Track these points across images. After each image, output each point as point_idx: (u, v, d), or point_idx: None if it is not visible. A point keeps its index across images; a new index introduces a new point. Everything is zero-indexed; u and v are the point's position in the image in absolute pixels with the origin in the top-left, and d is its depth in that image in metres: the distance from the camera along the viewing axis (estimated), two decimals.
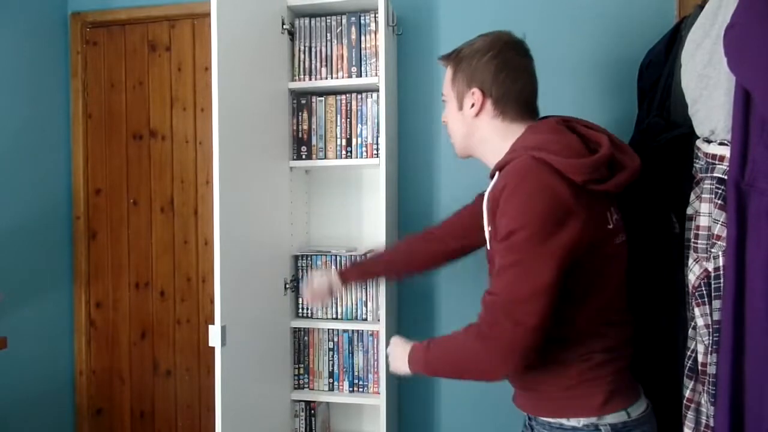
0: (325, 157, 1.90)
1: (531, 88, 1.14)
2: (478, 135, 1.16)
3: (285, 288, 1.86)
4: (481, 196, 1.36)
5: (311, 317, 1.93)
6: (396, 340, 1.24)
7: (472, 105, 1.13)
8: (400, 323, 2.06)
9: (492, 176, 1.12)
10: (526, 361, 0.99)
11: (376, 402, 1.85)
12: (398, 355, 1.20)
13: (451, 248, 1.43)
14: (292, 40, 1.92)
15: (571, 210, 0.98)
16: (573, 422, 1.06)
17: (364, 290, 1.88)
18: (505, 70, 1.11)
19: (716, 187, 1.04)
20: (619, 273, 1.11)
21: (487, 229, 1.10)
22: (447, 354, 1.10)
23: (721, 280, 1.01)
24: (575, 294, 1.03)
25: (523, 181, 0.99)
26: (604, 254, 1.05)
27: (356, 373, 1.91)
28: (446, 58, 1.20)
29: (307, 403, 1.93)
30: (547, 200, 0.98)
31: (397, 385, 2.01)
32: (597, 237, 1.02)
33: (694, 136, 1.13)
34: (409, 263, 1.48)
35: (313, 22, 1.90)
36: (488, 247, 1.11)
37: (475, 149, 1.19)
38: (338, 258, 1.89)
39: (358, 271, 1.52)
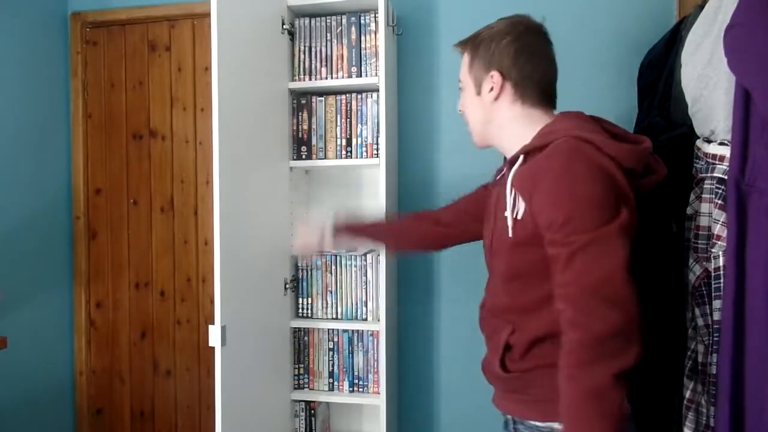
0: (325, 157, 1.90)
1: (551, 73, 1.12)
2: (498, 121, 1.11)
3: (285, 288, 1.86)
4: (485, 187, 1.34)
5: (311, 317, 1.93)
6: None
7: (491, 89, 1.10)
8: (400, 323, 2.06)
9: (513, 162, 1.06)
10: (640, 337, 0.89)
11: (376, 402, 1.85)
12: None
13: (446, 233, 1.39)
14: (292, 40, 1.92)
15: (626, 192, 0.95)
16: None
17: (364, 290, 1.88)
18: (525, 54, 1.08)
19: (716, 187, 1.04)
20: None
21: (510, 216, 1.04)
22: (575, 397, 0.91)
23: (721, 280, 1.01)
24: None
25: (573, 163, 0.95)
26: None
27: (356, 373, 1.91)
28: (463, 44, 1.17)
29: (307, 403, 1.93)
30: (603, 181, 0.93)
31: (397, 385, 2.01)
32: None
33: (694, 136, 1.14)
34: (401, 237, 1.46)
35: (313, 22, 1.90)
36: (510, 234, 1.04)
37: (494, 136, 1.15)
38: (338, 258, 1.89)
39: (354, 229, 1.47)
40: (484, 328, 1.17)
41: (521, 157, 1.05)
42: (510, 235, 1.04)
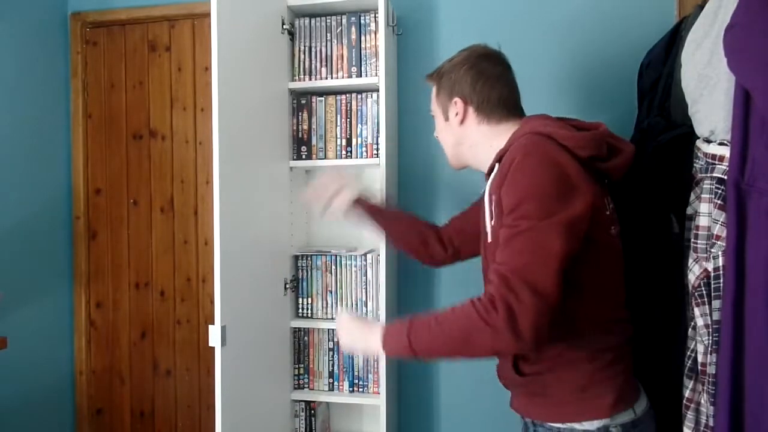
0: (325, 157, 1.90)
1: (509, 93, 1.21)
2: (468, 141, 1.22)
3: (285, 288, 1.86)
4: (475, 205, 1.39)
5: (311, 317, 1.93)
6: (345, 317, 1.16)
7: (456, 113, 1.21)
8: None
9: (490, 172, 1.15)
10: (541, 336, 0.93)
11: (376, 402, 1.85)
12: (356, 335, 1.12)
13: (448, 253, 1.47)
14: (292, 40, 1.92)
15: (577, 184, 1.00)
16: (586, 425, 1.04)
17: (364, 290, 1.88)
18: (482, 78, 1.18)
19: (716, 187, 1.04)
20: (616, 266, 1.12)
21: (489, 223, 1.10)
22: (444, 331, 0.99)
23: (721, 280, 1.01)
24: (576, 286, 1.01)
25: (529, 155, 1.02)
26: (601, 242, 1.06)
27: (356, 373, 1.91)
28: (430, 77, 1.30)
29: (307, 403, 1.93)
30: (554, 172, 1.00)
31: (397, 385, 2.01)
32: (598, 220, 1.04)
33: (694, 136, 1.14)
34: (408, 238, 1.50)
35: (313, 22, 1.90)
36: (489, 240, 1.11)
37: (467, 156, 1.25)
38: (338, 258, 1.89)
39: (371, 208, 1.48)
40: None
41: (496, 165, 1.12)
42: (489, 240, 1.11)
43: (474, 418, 2.01)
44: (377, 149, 1.85)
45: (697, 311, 1.06)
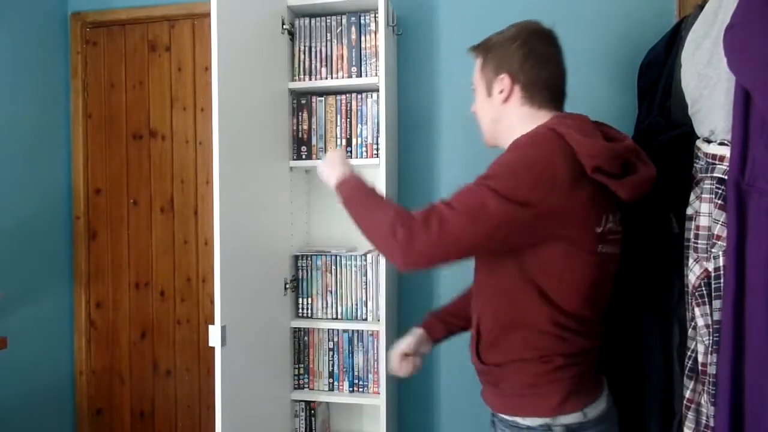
0: None
1: (558, 76, 1.16)
2: (506, 121, 1.16)
3: (285, 288, 1.86)
4: None
5: (311, 317, 1.93)
6: (336, 152, 1.28)
7: (501, 90, 1.15)
8: (400, 323, 2.06)
9: None
10: (421, 265, 1.02)
11: (376, 402, 1.85)
12: (328, 167, 1.24)
13: None
14: (292, 40, 1.91)
15: (558, 188, 0.98)
16: (528, 421, 1.07)
17: (364, 290, 1.88)
18: (533, 58, 1.13)
19: (716, 187, 1.04)
20: (589, 281, 1.06)
21: None
22: (367, 208, 1.11)
23: (721, 280, 1.00)
24: (533, 286, 1.04)
25: (531, 147, 1.03)
26: (579, 255, 1.03)
27: (356, 373, 1.91)
28: (475, 49, 1.22)
29: (307, 403, 1.93)
30: (542, 167, 0.99)
31: (397, 385, 2.01)
32: (576, 234, 1.02)
33: (694, 136, 1.13)
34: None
35: (313, 22, 1.90)
36: None
37: (501, 136, 1.19)
38: (338, 258, 1.89)
39: (444, 326, 1.42)
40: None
41: None
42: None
43: (474, 418, 2.01)
44: (377, 149, 1.85)
45: (697, 311, 1.06)
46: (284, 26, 1.84)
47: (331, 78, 1.89)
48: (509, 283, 1.07)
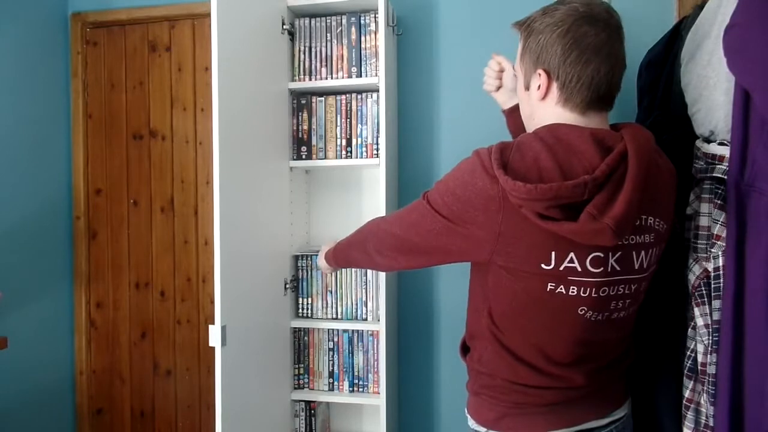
0: (325, 158, 1.90)
1: (606, 71, 0.95)
2: (538, 119, 1.02)
3: (285, 288, 1.86)
4: None
5: (311, 317, 1.93)
6: (324, 246, 1.49)
7: (539, 86, 0.99)
8: (400, 323, 2.06)
9: None
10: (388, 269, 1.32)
11: (376, 402, 1.85)
12: (321, 258, 1.46)
13: None
14: (292, 40, 1.92)
15: (487, 217, 0.91)
16: (472, 423, 1.11)
17: (364, 290, 1.88)
18: (576, 51, 0.94)
19: (716, 187, 1.04)
20: (553, 323, 0.97)
21: None
22: (351, 248, 1.30)
23: (721, 280, 1.01)
24: (489, 300, 1.02)
25: (467, 162, 0.97)
26: (524, 288, 0.95)
27: (356, 373, 1.91)
28: (518, 26, 1.06)
29: (307, 403, 1.93)
30: (467, 192, 0.93)
31: (397, 385, 2.01)
32: (514, 264, 0.93)
33: (694, 136, 1.13)
34: None
35: (313, 22, 1.90)
36: None
37: None
38: None
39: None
40: None
41: None
42: None
43: None
44: (377, 149, 1.85)
45: (697, 311, 1.06)
46: (284, 26, 1.84)
47: (331, 78, 1.89)
48: (476, 294, 1.08)
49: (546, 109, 1.00)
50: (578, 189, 0.86)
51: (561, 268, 0.91)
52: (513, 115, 1.33)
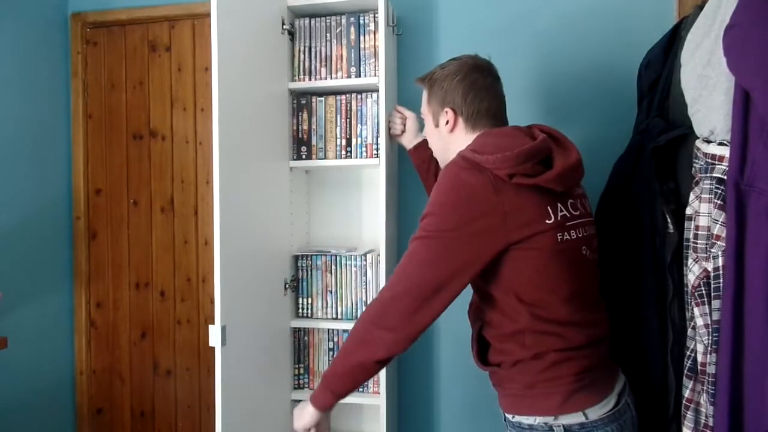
0: (325, 157, 1.90)
1: (497, 104, 1.26)
2: (454, 147, 1.24)
3: (285, 288, 1.86)
4: None
5: (311, 317, 1.93)
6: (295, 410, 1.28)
7: (447, 122, 1.26)
8: None
9: None
10: (414, 338, 1.12)
11: (376, 402, 1.85)
12: (297, 415, 1.24)
13: None
14: (292, 40, 1.92)
15: (488, 203, 1.05)
16: (530, 420, 1.11)
17: (364, 290, 1.88)
18: (473, 90, 1.23)
19: (716, 187, 1.04)
20: (566, 269, 1.10)
21: None
22: (343, 362, 1.17)
23: (721, 280, 1.01)
24: (514, 288, 1.09)
25: (443, 177, 1.11)
26: (542, 249, 1.07)
27: None
28: (421, 81, 1.34)
29: None
30: (460, 193, 1.06)
31: (397, 385, 2.01)
32: (529, 231, 1.07)
33: (694, 136, 1.14)
34: None
35: (313, 22, 1.90)
36: None
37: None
38: (338, 258, 1.89)
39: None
40: (470, 320, 1.30)
41: None
42: None
43: (474, 419, 2.01)
44: (377, 149, 1.85)
45: (696, 311, 1.06)
46: (284, 26, 1.84)
47: (331, 78, 1.89)
48: (495, 296, 1.13)
49: (458, 137, 1.25)
50: (545, 143, 1.11)
51: (559, 218, 1.10)
52: (416, 152, 1.73)
